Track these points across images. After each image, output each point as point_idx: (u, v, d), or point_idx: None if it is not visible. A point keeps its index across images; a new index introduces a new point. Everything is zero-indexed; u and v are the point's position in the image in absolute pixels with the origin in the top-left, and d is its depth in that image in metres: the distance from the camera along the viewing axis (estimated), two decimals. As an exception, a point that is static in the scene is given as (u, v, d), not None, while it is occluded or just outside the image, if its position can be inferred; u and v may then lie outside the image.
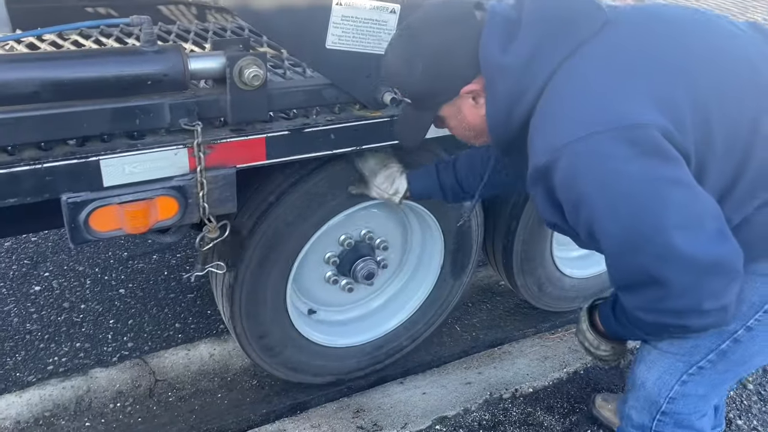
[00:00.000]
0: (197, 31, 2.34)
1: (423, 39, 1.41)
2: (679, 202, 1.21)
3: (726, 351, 1.51)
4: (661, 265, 1.23)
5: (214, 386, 2.57)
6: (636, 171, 1.20)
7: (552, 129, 1.29)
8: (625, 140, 1.20)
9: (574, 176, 1.24)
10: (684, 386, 1.59)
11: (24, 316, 2.86)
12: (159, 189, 1.68)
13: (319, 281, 2.40)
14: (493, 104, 1.39)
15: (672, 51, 1.33)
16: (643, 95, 1.24)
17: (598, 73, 1.29)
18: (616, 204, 1.23)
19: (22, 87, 1.45)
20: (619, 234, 1.25)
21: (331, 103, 1.91)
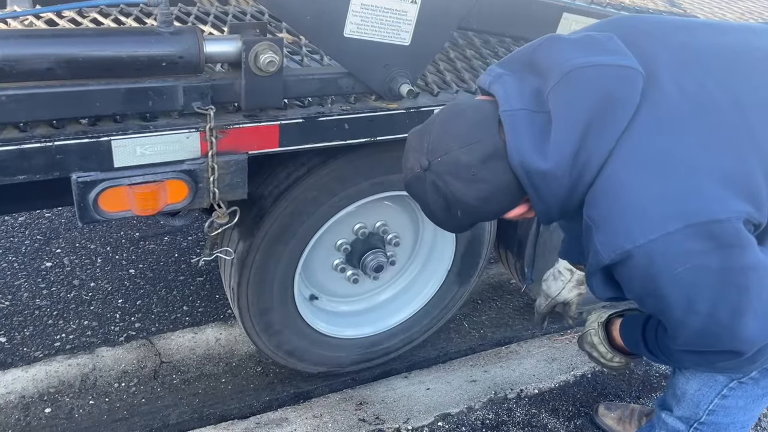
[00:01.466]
0: (217, 14, 2.32)
1: (455, 193, 1.23)
2: (756, 287, 1.18)
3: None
4: (735, 344, 1.23)
5: (218, 371, 2.57)
6: (715, 265, 1.15)
7: (617, 227, 1.18)
8: (702, 236, 1.13)
9: (646, 275, 1.18)
10: (724, 400, 1.58)
11: (34, 291, 2.88)
12: (170, 172, 1.67)
13: (327, 267, 2.39)
14: (544, 208, 1.26)
15: (729, 109, 1.20)
16: (715, 180, 1.14)
17: (657, 157, 1.16)
18: (693, 299, 1.19)
19: (36, 63, 1.44)
20: (695, 324, 1.23)
21: (347, 92, 1.88)
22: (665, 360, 1.49)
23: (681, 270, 1.15)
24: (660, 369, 2.71)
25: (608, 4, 2.16)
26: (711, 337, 1.24)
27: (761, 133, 1.20)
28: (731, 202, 1.14)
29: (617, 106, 1.17)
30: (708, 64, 1.25)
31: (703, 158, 1.16)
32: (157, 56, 1.54)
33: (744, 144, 1.18)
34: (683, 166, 1.15)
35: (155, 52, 1.54)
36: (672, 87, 1.20)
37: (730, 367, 1.35)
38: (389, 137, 1.96)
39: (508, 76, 1.26)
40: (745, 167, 1.17)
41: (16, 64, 1.42)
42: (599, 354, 1.78)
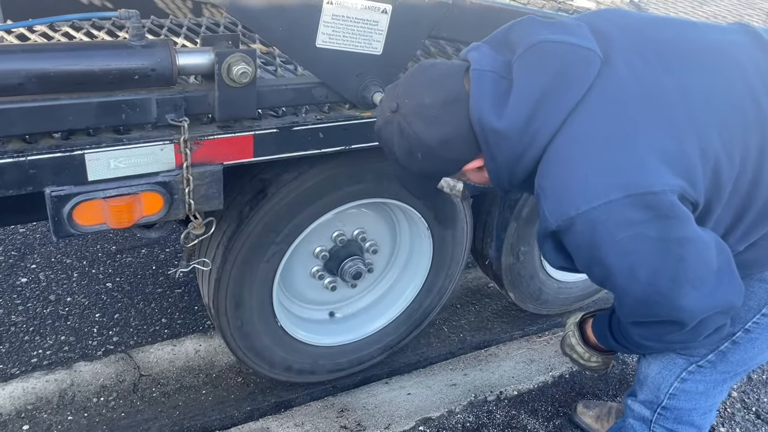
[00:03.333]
0: (190, 26, 2.33)
1: (417, 132, 1.32)
2: (693, 258, 1.25)
3: (725, 352, 1.57)
4: (676, 313, 1.30)
5: (198, 382, 2.56)
6: (653, 234, 1.22)
7: (562, 195, 1.26)
8: (640, 206, 1.21)
9: (590, 242, 1.25)
10: (683, 383, 1.64)
11: (9, 307, 2.85)
12: (144, 184, 1.67)
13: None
14: (494, 167, 1.35)
15: (675, 93, 1.29)
16: (654, 157, 1.23)
17: (604, 133, 1.25)
18: (634, 266, 1.26)
19: (6, 78, 1.44)
20: (636, 291, 1.29)
21: (321, 102, 1.90)
22: (626, 344, 1.55)
23: (622, 237, 1.22)
24: (636, 367, 2.75)
25: (575, 12, 2.21)
26: (653, 305, 1.30)
27: (702, 118, 1.28)
28: (667, 176, 1.21)
29: (573, 82, 1.26)
30: (663, 53, 1.34)
31: (646, 136, 1.24)
32: (129, 69, 1.55)
33: (684, 127, 1.26)
34: (627, 142, 1.24)
35: (127, 65, 1.54)
36: (625, 70, 1.29)
37: (679, 340, 1.39)
38: (364, 145, 1.98)
39: (485, 47, 1.38)
40: (683, 147, 1.24)
41: (-13, 80, 1.41)
42: (578, 355, 1.83)
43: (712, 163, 1.27)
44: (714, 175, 1.28)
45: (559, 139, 1.27)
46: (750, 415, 2.57)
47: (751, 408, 2.61)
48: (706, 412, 1.73)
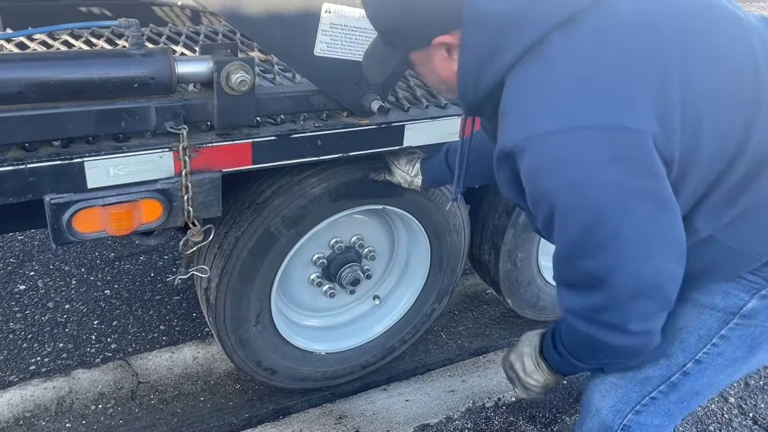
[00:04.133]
0: (188, 34, 2.35)
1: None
2: (643, 218, 1.15)
3: (677, 383, 1.50)
4: (607, 274, 1.19)
5: (197, 389, 2.56)
6: (608, 178, 1.12)
7: (528, 112, 1.18)
8: (606, 142, 1.11)
9: (542, 169, 1.16)
10: (638, 416, 1.56)
11: (8, 315, 2.85)
12: (143, 192, 1.68)
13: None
14: (466, 57, 1.25)
15: (672, 37, 1.20)
16: (636, 91, 1.14)
17: (590, 56, 1.16)
18: (579, 208, 1.16)
19: (7, 87, 1.45)
20: (576, 236, 1.20)
21: (319, 109, 1.91)
22: (567, 350, 1.45)
23: (574, 173, 1.13)
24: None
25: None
26: (584, 256, 1.21)
27: (692, 70, 1.19)
28: (646, 116, 1.11)
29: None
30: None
31: (631, 70, 1.15)
32: (128, 78, 1.56)
33: (671, 72, 1.17)
34: (609, 71, 1.15)
35: (127, 73, 1.55)
36: (626, 8, 1.20)
37: (606, 323, 1.26)
38: (362, 152, 1.99)
39: None
40: (668, 92, 1.15)
41: (-13, 89, 1.42)
42: (522, 367, 1.58)
43: (694, 121, 1.18)
44: (694, 134, 1.18)
45: (538, 51, 1.18)
46: (747, 420, 2.58)
47: (749, 414, 2.62)
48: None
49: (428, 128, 2.06)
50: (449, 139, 2.13)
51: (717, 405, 2.64)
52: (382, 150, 2.03)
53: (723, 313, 1.41)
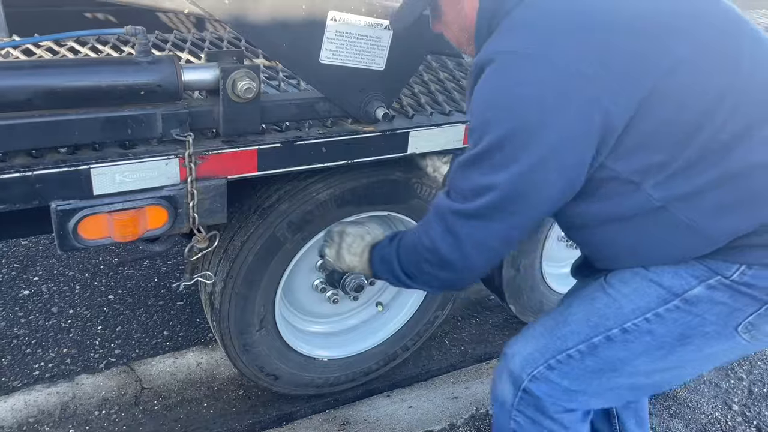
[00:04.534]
0: (194, 41, 2.36)
1: None
2: (525, 171, 1.27)
3: (597, 345, 1.48)
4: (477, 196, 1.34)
5: (200, 395, 2.57)
6: (533, 116, 1.24)
7: (504, 36, 1.34)
8: (545, 77, 1.23)
9: (492, 83, 1.30)
10: (550, 371, 1.54)
11: (12, 320, 2.85)
12: (149, 198, 1.69)
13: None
14: (484, 2, 1.41)
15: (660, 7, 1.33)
16: (596, 51, 1.25)
17: (566, 17, 1.30)
18: (486, 124, 1.30)
19: (15, 94, 1.46)
20: (475, 149, 1.32)
21: (324, 116, 1.92)
22: (404, 242, 1.59)
23: (505, 89, 1.27)
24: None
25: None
26: (474, 171, 1.33)
27: (679, 39, 1.29)
28: (598, 80, 1.22)
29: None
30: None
31: (594, 35, 1.27)
32: (135, 85, 1.57)
33: (651, 45, 1.27)
34: (584, 32, 1.27)
35: (134, 81, 1.56)
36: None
37: (460, 231, 1.39)
38: (366, 159, 2.00)
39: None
40: (632, 68, 1.25)
41: (-5, 96, 1.43)
42: (350, 242, 1.73)
43: (651, 84, 1.25)
44: (650, 95, 1.25)
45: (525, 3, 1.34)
46: (751, 428, 2.57)
47: (752, 421, 2.61)
48: (567, 411, 1.59)
49: (433, 135, 2.07)
50: (454, 146, 2.13)
51: (721, 413, 2.64)
52: (386, 157, 2.03)
53: (667, 292, 1.41)
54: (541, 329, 1.59)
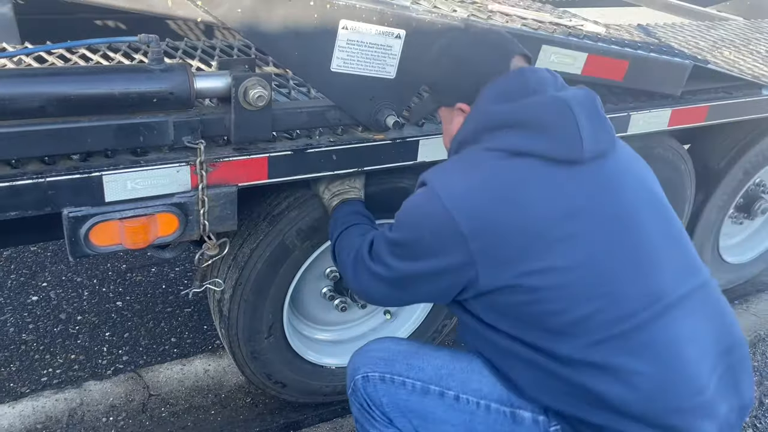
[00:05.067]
0: (204, 48, 2.37)
1: (465, 46, 1.63)
2: (404, 272, 1.55)
3: (429, 392, 1.62)
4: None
5: (207, 403, 2.56)
6: (423, 240, 1.49)
7: (446, 165, 1.57)
8: (440, 222, 1.44)
9: (416, 193, 1.56)
10: (381, 382, 1.66)
11: (20, 325, 2.86)
12: (160, 205, 1.69)
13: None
14: (464, 128, 1.58)
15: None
16: (492, 232, 1.41)
17: (498, 174, 1.46)
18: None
19: (29, 101, 1.46)
20: (392, 233, 1.58)
21: (335, 124, 1.92)
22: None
23: (416, 214, 1.53)
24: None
25: (585, 36, 2.23)
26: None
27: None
28: (474, 220, 1.42)
29: (535, 139, 1.44)
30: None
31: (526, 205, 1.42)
32: (148, 93, 1.57)
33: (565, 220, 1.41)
34: (497, 195, 1.44)
35: (146, 88, 1.57)
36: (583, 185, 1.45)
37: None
38: (376, 167, 2.00)
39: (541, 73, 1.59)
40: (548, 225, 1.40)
41: (9, 103, 1.44)
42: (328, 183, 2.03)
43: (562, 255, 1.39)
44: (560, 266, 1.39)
45: (486, 148, 1.49)
46: (762, 440, 2.55)
47: (764, 433, 2.59)
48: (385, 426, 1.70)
49: (442, 143, 2.07)
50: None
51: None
52: (396, 165, 2.03)
53: (508, 398, 1.56)
54: (404, 348, 1.72)
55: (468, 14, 1.98)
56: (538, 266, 1.38)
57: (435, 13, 1.87)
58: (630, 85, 2.35)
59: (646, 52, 2.31)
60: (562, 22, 2.29)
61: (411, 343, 1.78)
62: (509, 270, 1.40)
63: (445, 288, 1.51)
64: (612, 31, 2.51)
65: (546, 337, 1.42)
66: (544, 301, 1.40)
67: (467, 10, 2.05)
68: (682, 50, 2.59)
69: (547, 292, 1.39)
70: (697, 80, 2.50)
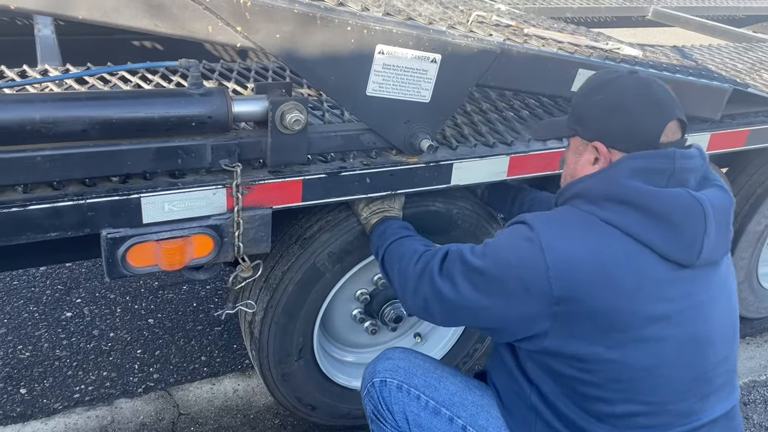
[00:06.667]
0: (240, 70, 2.40)
1: (628, 89, 1.52)
2: (474, 304, 1.51)
3: (439, 414, 1.69)
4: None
5: (236, 423, 2.56)
6: (511, 280, 1.45)
7: (551, 214, 1.54)
8: (527, 269, 1.43)
9: (513, 228, 1.54)
10: (397, 390, 1.75)
11: (54, 341, 2.90)
12: (196, 227, 1.70)
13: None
14: (589, 182, 1.51)
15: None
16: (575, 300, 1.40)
17: (607, 251, 1.42)
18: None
19: (72, 125, 1.49)
20: (476, 260, 1.54)
21: (369, 148, 1.93)
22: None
23: (509, 251, 1.49)
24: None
25: (622, 60, 2.21)
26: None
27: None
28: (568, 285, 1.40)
29: (661, 232, 1.40)
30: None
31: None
32: (187, 117, 1.59)
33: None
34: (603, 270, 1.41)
35: (185, 112, 1.59)
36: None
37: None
38: (409, 190, 1.99)
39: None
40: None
41: (53, 126, 1.47)
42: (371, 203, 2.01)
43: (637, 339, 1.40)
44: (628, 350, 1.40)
45: (596, 216, 1.46)
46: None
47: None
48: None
49: (476, 166, 2.06)
50: (496, 178, 2.12)
51: None
52: (429, 188, 2.03)
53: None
54: (426, 364, 1.80)
55: (504, 38, 1.97)
56: (610, 356, 1.39)
57: (471, 38, 1.86)
58: (667, 109, 2.31)
59: (684, 76, 2.28)
60: (598, 45, 2.27)
61: (431, 361, 1.84)
62: (581, 345, 1.40)
63: (509, 330, 1.51)
64: (648, 54, 2.48)
65: (582, 416, 1.46)
66: (598, 387, 1.42)
67: (503, 34, 2.05)
68: (720, 73, 2.55)
69: (605, 380, 1.41)
70: (736, 104, 2.45)
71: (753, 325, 3.43)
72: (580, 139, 1.58)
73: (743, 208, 3.01)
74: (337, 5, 1.69)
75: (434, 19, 1.91)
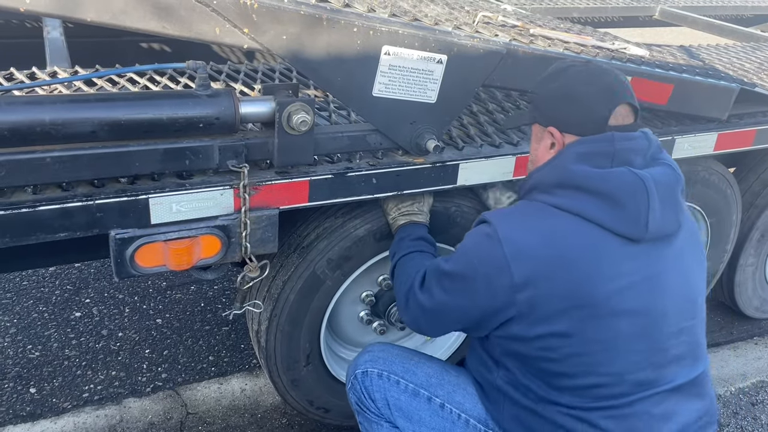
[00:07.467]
0: (247, 72, 2.41)
1: (579, 76, 1.59)
2: (449, 305, 1.61)
3: (418, 395, 1.77)
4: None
5: (244, 422, 2.57)
6: (477, 278, 1.54)
7: (512, 209, 1.68)
8: (494, 265, 1.50)
9: (476, 228, 1.62)
10: (378, 378, 1.81)
11: (63, 341, 2.92)
12: (203, 228, 1.72)
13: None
14: (543, 172, 1.59)
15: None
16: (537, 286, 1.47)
17: (561, 234, 1.50)
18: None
19: (81, 126, 1.50)
20: (447, 265, 1.65)
21: (375, 148, 1.93)
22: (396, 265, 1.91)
23: (473, 239, 1.60)
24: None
25: (628, 59, 2.21)
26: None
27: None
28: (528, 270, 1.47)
29: (604, 210, 1.47)
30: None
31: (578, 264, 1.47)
32: (195, 118, 1.61)
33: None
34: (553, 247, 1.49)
35: (193, 114, 1.60)
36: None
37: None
38: (415, 191, 2.00)
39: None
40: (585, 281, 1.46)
41: (63, 128, 1.48)
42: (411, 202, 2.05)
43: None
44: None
45: (552, 203, 1.54)
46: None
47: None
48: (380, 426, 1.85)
49: (482, 167, 2.06)
50: (503, 178, 2.12)
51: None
52: (435, 189, 2.03)
53: (489, 418, 1.70)
54: (405, 353, 1.90)
55: (510, 38, 1.98)
56: (570, 331, 1.46)
57: (477, 38, 1.87)
58: (674, 109, 2.31)
59: (691, 76, 2.28)
60: (604, 45, 2.27)
61: (409, 350, 1.96)
62: (543, 326, 1.47)
63: (483, 324, 1.58)
64: (655, 54, 2.47)
65: (546, 389, 1.53)
66: (559, 363, 1.49)
67: (509, 34, 2.05)
68: (727, 73, 2.54)
69: (565, 355, 1.48)
70: (743, 103, 2.45)
71: (761, 326, 3.42)
72: (539, 126, 1.67)
73: (751, 207, 3.00)
74: (343, 6, 1.70)
75: (440, 20, 1.92)
